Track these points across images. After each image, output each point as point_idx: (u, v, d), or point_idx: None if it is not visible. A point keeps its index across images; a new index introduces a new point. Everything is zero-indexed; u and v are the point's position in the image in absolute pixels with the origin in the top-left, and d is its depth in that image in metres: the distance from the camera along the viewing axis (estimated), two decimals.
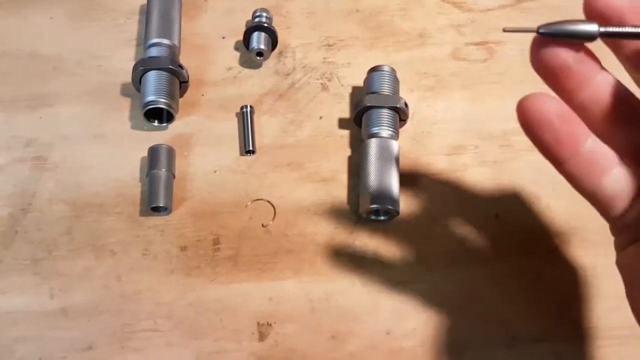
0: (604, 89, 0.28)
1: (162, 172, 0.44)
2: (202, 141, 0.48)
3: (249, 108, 0.48)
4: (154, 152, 0.45)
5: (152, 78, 0.46)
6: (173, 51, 0.49)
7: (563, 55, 0.27)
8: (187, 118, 0.49)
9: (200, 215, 0.44)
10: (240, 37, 0.51)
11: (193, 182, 0.46)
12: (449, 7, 0.54)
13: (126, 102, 0.49)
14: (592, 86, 0.28)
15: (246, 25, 0.53)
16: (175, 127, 0.48)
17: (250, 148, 0.47)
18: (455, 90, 0.50)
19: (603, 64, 0.29)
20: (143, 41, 0.50)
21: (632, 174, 0.29)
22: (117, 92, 0.49)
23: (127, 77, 0.48)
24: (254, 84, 0.51)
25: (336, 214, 0.45)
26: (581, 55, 0.27)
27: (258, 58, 0.51)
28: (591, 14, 0.27)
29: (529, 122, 0.27)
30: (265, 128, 0.49)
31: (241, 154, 0.47)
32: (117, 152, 0.47)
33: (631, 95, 0.29)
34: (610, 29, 0.27)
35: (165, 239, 0.43)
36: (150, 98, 0.45)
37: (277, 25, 0.53)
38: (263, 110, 0.49)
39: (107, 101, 0.49)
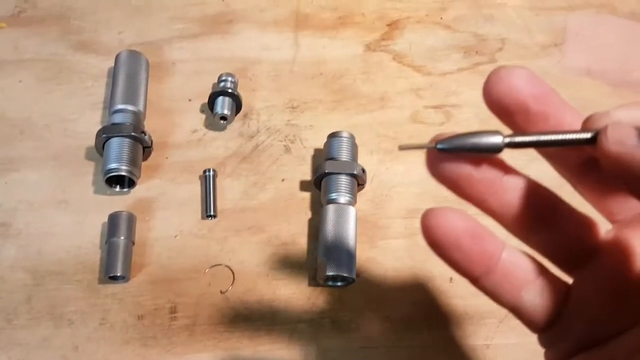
0: (513, 194, 0.26)
1: (121, 240, 0.44)
2: (164, 205, 0.49)
3: (211, 172, 0.49)
4: (113, 219, 0.45)
5: (115, 145, 0.47)
6: (137, 117, 0.50)
7: (462, 168, 0.25)
8: (150, 182, 0.50)
9: (159, 282, 0.45)
10: (207, 99, 0.53)
11: (153, 248, 0.46)
12: (409, 70, 0.55)
13: (90, 166, 0.50)
14: (499, 192, 0.25)
15: (213, 87, 0.54)
16: (138, 190, 0.49)
17: (212, 213, 0.48)
18: (414, 154, 0.51)
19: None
20: (108, 106, 0.51)
21: (554, 284, 0.27)
22: (82, 155, 0.50)
23: (92, 141, 0.49)
24: (218, 146, 0.52)
25: (295, 279, 0.46)
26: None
27: (222, 122, 0.52)
28: (493, 107, 0.25)
29: (435, 242, 0.25)
30: (228, 191, 0.50)
31: (203, 218, 0.48)
32: (80, 218, 0.48)
33: (547, 192, 0.27)
34: (517, 139, 0.24)
35: (123, 307, 0.44)
36: (112, 165, 0.46)
37: (242, 87, 0.54)
38: (226, 172, 0.50)
39: (72, 165, 0.50)
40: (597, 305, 0.26)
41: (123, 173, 0.46)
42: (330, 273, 0.44)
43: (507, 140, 0.24)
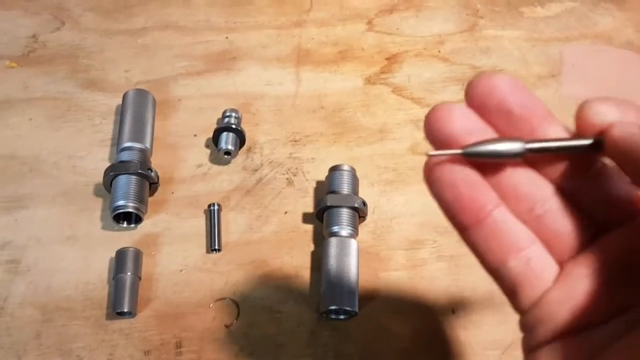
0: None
1: (128, 276, 0.45)
2: (170, 240, 0.50)
3: (216, 206, 0.50)
4: (120, 255, 0.46)
5: (122, 182, 0.49)
6: (144, 154, 0.51)
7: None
8: (157, 217, 0.51)
9: (165, 316, 0.46)
10: (212, 134, 0.54)
11: (159, 283, 0.47)
12: (408, 102, 0.56)
13: (98, 203, 0.51)
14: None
15: (217, 123, 0.55)
16: (144, 226, 0.50)
17: (216, 247, 0.49)
18: (414, 184, 0.52)
19: None
20: (116, 143, 0.52)
21: (546, 260, 0.27)
22: (90, 192, 0.52)
23: (101, 177, 0.50)
24: (222, 180, 0.53)
25: (298, 312, 0.47)
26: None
27: (226, 157, 0.53)
28: (474, 108, 0.26)
29: (432, 180, 0.26)
30: (232, 224, 0.51)
31: (207, 252, 0.49)
32: (88, 253, 0.49)
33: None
34: (537, 145, 0.25)
35: (130, 342, 0.45)
36: (119, 203, 0.48)
37: (246, 122, 0.55)
38: (230, 206, 0.52)
39: (80, 202, 0.51)
40: (591, 290, 0.26)
41: (130, 210, 0.48)
42: (332, 307, 0.44)
43: (528, 145, 0.25)
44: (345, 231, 0.47)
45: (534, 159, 0.26)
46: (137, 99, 0.54)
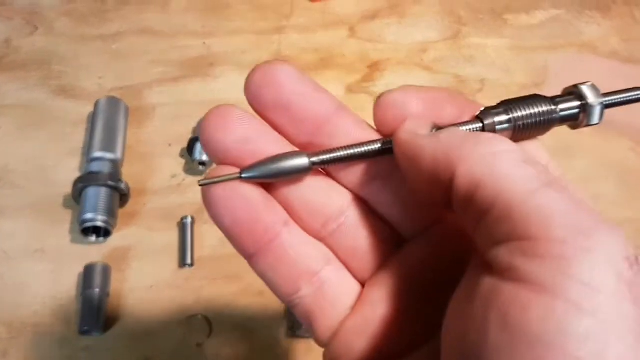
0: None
1: (96, 292, 0.44)
2: (141, 254, 0.48)
3: (189, 219, 0.49)
4: (88, 271, 0.45)
5: (91, 195, 0.47)
6: (115, 165, 0.50)
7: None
8: (127, 230, 0.49)
9: (134, 335, 0.45)
10: (187, 143, 0.53)
11: (128, 299, 0.46)
12: None
13: (67, 215, 0.50)
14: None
15: (193, 132, 0.54)
16: (115, 239, 0.49)
17: (189, 262, 0.48)
18: None
19: None
20: (86, 153, 0.51)
21: (349, 281, 0.24)
22: (60, 203, 0.50)
23: (70, 188, 0.49)
24: (197, 191, 0.51)
25: (272, 330, 0.45)
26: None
27: (201, 167, 0.52)
28: (254, 106, 0.23)
29: (209, 205, 0.22)
30: (206, 238, 0.49)
31: (180, 267, 0.48)
32: (56, 267, 0.47)
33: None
34: (324, 156, 0.22)
35: None
36: (88, 216, 0.46)
37: None
38: (204, 219, 0.50)
39: (49, 214, 0.50)
40: (389, 314, 0.23)
41: (99, 224, 0.46)
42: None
43: (314, 159, 0.22)
44: None
45: (326, 168, 0.24)
46: (109, 108, 0.52)
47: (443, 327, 0.20)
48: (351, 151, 0.23)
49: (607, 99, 0.24)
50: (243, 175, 0.22)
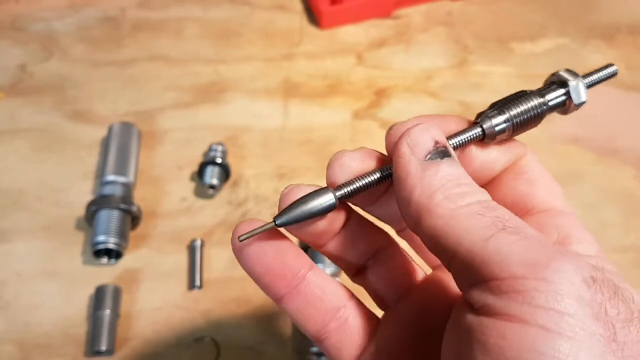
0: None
1: (107, 314, 0.45)
2: (151, 276, 0.49)
3: (199, 242, 0.50)
4: (99, 292, 0.46)
5: (104, 217, 0.48)
6: (127, 188, 0.51)
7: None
8: (138, 252, 0.50)
9: (143, 356, 0.45)
10: (197, 167, 0.54)
11: (138, 321, 0.47)
12: None
13: (80, 237, 0.51)
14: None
15: (203, 155, 0.55)
16: (126, 261, 0.50)
17: (197, 284, 0.48)
18: None
19: None
20: (99, 176, 0.52)
21: (364, 316, 0.27)
22: (72, 225, 0.51)
23: (83, 211, 0.50)
24: (206, 214, 0.53)
25: (280, 353, 0.46)
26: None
27: (211, 191, 0.53)
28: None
29: (241, 256, 0.25)
30: (215, 260, 0.50)
31: (189, 289, 0.48)
32: (68, 289, 0.48)
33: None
34: (347, 189, 0.24)
35: None
36: (100, 238, 0.47)
37: (232, 155, 0.55)
38: (213, 242, 0.51)
39: (61, 236, 0.51)
40: (400, 345, 0.26)
41: (111, 246, 0.47)
42: (314, 349, 0.44)
43: (338, 194, 0.24)
44: (329, 269, 0.47)
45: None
46: (122, 133, 0.53)
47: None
48: (370, 178, 0.25)
49: (587, 79, 0.27)
50: (277, 222, 0.24)
